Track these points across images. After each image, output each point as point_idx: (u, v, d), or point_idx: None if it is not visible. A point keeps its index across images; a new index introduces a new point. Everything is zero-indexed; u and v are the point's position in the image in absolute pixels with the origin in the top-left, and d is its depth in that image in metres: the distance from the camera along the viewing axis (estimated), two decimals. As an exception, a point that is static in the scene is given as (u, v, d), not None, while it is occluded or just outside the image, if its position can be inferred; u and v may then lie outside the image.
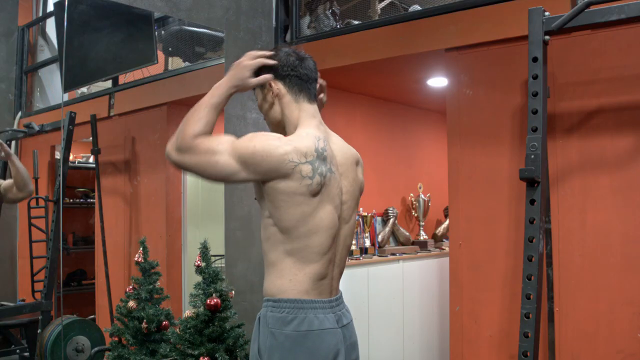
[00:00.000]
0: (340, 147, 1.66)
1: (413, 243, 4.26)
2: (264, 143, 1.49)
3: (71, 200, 2.97)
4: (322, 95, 1.78)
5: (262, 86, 1.65)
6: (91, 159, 2.98)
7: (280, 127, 1.66)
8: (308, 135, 1.56)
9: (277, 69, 1.63)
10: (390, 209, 4.16)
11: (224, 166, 1.49)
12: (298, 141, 1.52)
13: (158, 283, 2.74)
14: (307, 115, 1.62)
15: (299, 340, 1.50)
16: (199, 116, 1.53)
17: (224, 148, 1.50)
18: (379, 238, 4.03)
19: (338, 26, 3.28)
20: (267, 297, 1.56)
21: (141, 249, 2.74)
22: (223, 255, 3.09)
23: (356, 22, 3.18)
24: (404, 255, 4.01)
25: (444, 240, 4.49)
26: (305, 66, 1.65)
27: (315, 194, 1.51)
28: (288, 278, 1.53)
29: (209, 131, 1.53)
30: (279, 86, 1.63)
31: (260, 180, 1.51)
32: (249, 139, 1.50)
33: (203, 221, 3.39)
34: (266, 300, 1.56)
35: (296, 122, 1.60)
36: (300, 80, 1.63)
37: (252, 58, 1.62)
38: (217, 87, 1.59)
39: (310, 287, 1.54)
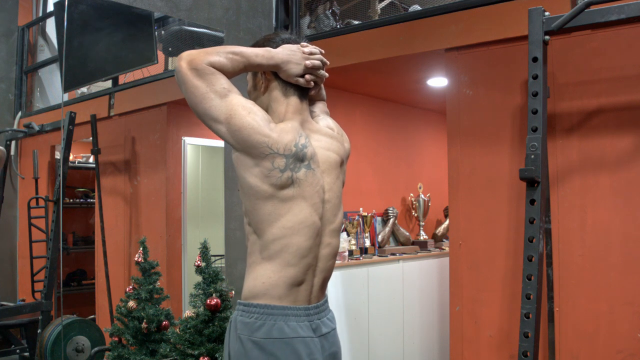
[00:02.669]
0: (324, 145, 1.60)
1: (413, 243, 4.26)
2: (257, 122, 1.45)
3: (71, 200, 2.97)
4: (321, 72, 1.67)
5: (255, 73, 1.60)
6: (91, 159, 2.97)
7: None
8: (293, 128, 1.51)
9: None
10: (390, 209, 4.16)
11: (213, 109, 1.44)
12: (282, 133, 1.48)
13: (158, 283, 2.74)
14: (293, 110, 1.56)
15: (267, 348, 1.42)
16: (228, 55, 1.46)
17: (225, 94, 1.45)
18: (379, 238, 4.03)
19: (338, 26, 3.28)
20: (239, 300, 1.50)
21: (141, 249, 2.73)
22: (223, 255, 3.09)
23: (356, 22, 3.18)
24: (404, 255, 4.01)
25: (444, 240, 4.49)
26: None
27: (283, 187, 1.46)
28: (261, 281, 1.47)
29: (225, 74, 1.46)
30: (270, 78, 1.58)
31: (233, 145, 1.47)
32: (248, 111, 1.45)
33: (203, 221, 3.39)
34: (238, 304, 1.50)
35: (282, 117, 1.55)
36: None
37: (310, 58, 1.56)
38: (267, 53, 1.52)
39: (284, 292, 1.47)
